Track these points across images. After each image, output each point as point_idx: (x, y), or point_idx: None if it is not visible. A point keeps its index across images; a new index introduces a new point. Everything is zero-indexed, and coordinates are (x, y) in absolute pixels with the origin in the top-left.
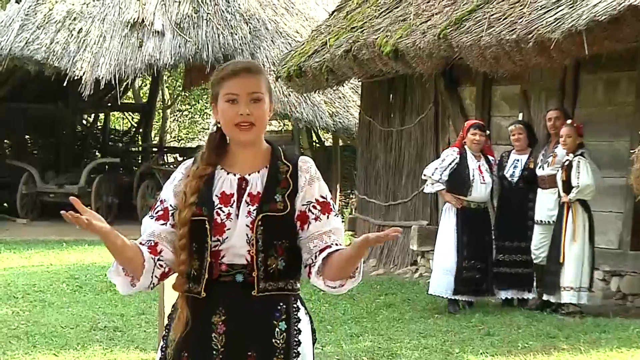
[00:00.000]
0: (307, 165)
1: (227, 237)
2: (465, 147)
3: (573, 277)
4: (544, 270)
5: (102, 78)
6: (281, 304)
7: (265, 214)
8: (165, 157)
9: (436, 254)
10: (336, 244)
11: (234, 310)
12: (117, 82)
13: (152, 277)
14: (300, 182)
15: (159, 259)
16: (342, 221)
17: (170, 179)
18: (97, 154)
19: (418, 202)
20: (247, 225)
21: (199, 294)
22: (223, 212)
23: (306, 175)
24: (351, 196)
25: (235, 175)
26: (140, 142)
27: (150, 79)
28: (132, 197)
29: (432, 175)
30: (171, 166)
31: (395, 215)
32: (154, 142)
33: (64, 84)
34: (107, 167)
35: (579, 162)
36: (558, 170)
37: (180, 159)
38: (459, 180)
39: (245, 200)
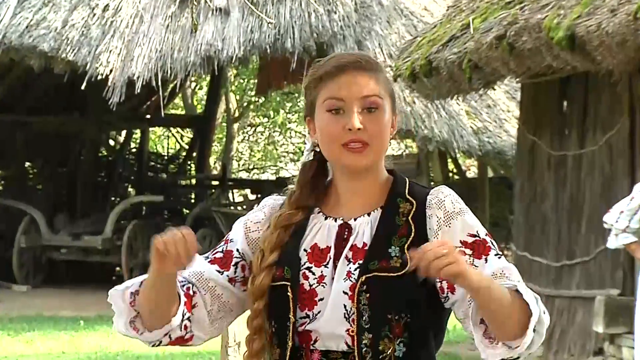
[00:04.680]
0: (439, 197)
1: (319, 312)
2: None
3: None
4: None
5: (138, 78)
6: None
7: (373, 274)
8: (230, 194)
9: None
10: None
11: None
12: (159, 83)
13: (165, 337)
14: (431, 224)
15: (188, 318)
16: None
17: (248, 215)
18: (130, 189)
19: (604, 261)
20: (345, 292)
21: None
22: (313, 274)
23: (439, 213)
24: (505, 252)
25: (336, 220)
26: (193, 172)
27: (208, 79)
28: None
29: (616, 222)
30: (239, 208)
31: (572, 281)
32: (214, 172)
33: (82, 87)
34: (145, 208)
35: None
36: None
37: (252, 197)
38: None
39: (346, 257)
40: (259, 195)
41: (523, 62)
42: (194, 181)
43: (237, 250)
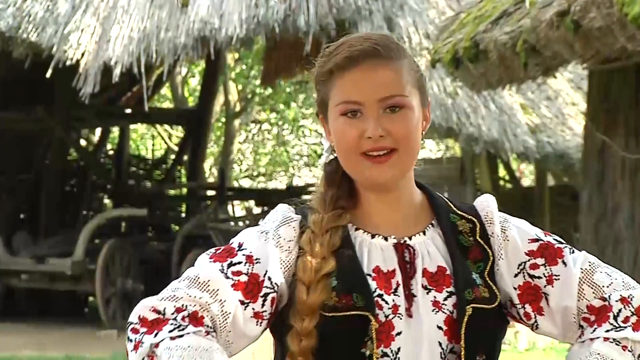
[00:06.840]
0: (488, 209)
1: (399, 349)
2: None
3: None
4: None
5: (116, 63)
6: None
7: (473, 305)
8: (230, 207)
9: None
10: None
11: None
12: (142, 70)
13: None
14: (494, 243)
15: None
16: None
17: (268, 227)
18: (106, 201)
19: None
20: (440, 328)
21: None
22: (387, 303)
23: (495, 229)
24: None
25: (387, 239)
26: (184, 180)
27: (203, 65)
28: (170, 278)
29: None
30: (241, 223)
31: None
32: (210, 179)
33: (48, 75)
34: (124, 224)
35: None
36: None
37: (257, 210)
38: None
39: (423, 285)
40: (266, 208)
41: (591, 44)
42: (185, 191)
43: (269, 278)
